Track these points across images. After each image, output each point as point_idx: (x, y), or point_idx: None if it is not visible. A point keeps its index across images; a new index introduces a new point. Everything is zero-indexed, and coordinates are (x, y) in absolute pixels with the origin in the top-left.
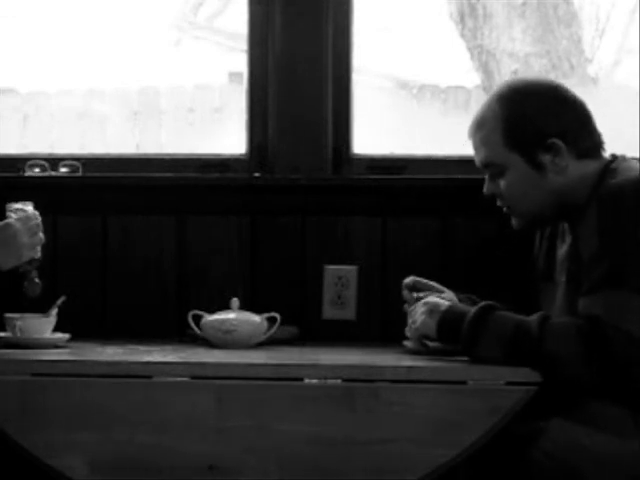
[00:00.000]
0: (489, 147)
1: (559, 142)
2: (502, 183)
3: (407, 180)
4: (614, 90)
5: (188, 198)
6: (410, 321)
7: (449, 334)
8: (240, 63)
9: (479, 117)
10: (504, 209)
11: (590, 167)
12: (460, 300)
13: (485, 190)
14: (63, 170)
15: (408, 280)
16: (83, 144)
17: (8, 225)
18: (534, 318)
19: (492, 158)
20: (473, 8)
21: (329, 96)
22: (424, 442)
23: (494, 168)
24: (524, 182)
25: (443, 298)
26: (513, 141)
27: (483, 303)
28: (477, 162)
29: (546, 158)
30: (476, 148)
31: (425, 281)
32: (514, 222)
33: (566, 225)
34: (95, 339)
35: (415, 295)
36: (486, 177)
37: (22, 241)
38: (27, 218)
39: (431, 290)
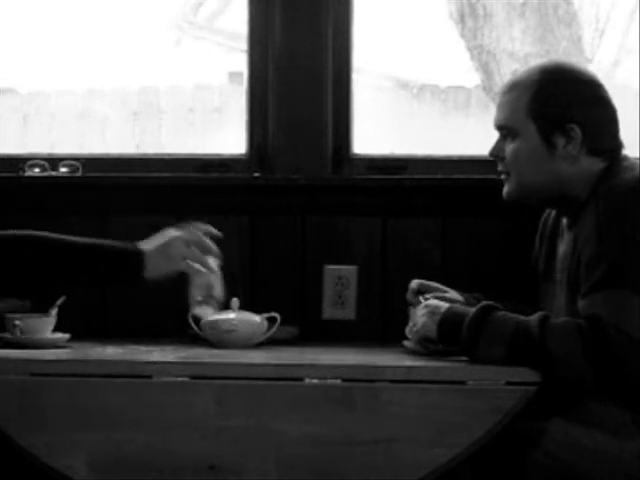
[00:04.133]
0: (512, 109)
1: (578, 130)
2: (510, 147)
3: (407, 180)
4: (614, 90)
5: (188, 198)
6: (411, 324)
7: (449, 335)
8: (240, 63)
9: (515, 79)
10: (502, 176)
11: (596, 166)
12: (465, 299)
13: (491, 150)
14: (63, 170)
15: (414, 284)
16: (83, 144)
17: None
18: (534, 318)
19: (510, 121)
20: (473, 8)
21: (329, 96)
22: (424, 442)
23: (508, 130)
24: (530, 153)
25: (447, 298)
26: (536, 111)
27: (483, 303)
28: (495, 122)
29: (560, 141)
30: (499, 107)
31: (430, 283)
32: (506, 191)
33: (565, 223)
34: (95, 339)
35: (421, 298)
36: (497, 139)
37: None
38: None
39: (436, 292)
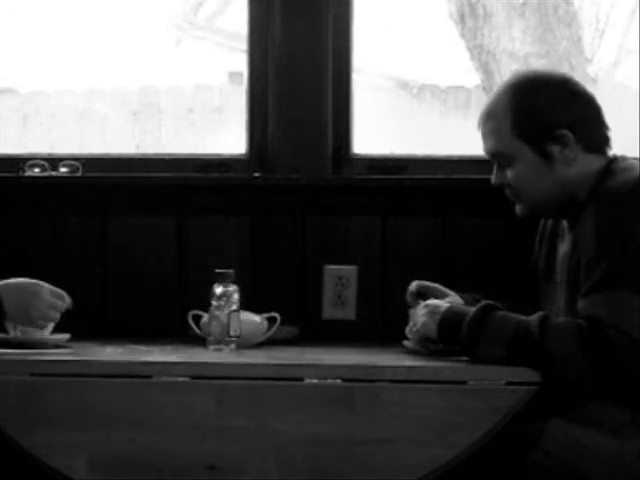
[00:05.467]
0: (498, 137)
1: (568, 133)
2: (510, 173)
3: (407, 180)
4: (614, 90)
5: (188, 198)
6: (411, 324)
7: (450, 334)
8: (240, 63)
9: (489, 107)
10: (511, 198)
11: (595, 164)
12: (464, 300)
13: (493, 180)
14: (63, 170)
15: (412, 287)
16: (83, 144)
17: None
18: (534, 318)
19: (500, 148)
20: (473, 8)
21: (329, 96)
22: (424, 442)
23: (502, 158)
24: (532, 172)
25: (446, 301)
26: (522, 131)
27: (483, 303)
28: (485, 152)
29: (555, 149)
30: (485, 137)
31: (429, 284)
32: (519, 210)
33: (565, 224)
34: (95, 339)
35: (420, 301)
36: (494, 167)
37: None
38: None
39: (436, 294)
